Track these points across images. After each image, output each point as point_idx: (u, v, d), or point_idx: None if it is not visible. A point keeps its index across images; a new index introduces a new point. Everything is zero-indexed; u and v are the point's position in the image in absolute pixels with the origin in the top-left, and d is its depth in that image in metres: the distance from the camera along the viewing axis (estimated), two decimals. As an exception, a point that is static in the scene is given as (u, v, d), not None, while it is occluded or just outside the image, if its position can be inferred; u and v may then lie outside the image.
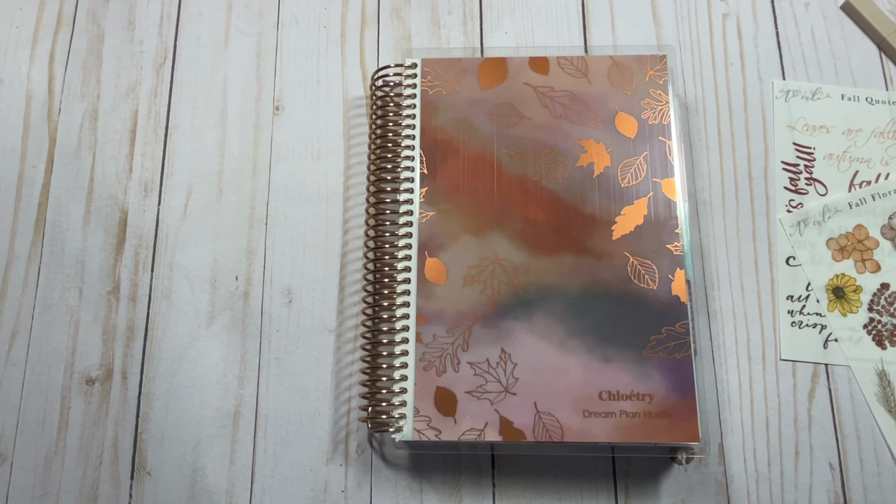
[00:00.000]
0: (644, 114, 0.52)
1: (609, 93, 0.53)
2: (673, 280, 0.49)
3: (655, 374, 0.47)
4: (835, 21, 0.58)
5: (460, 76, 0.54)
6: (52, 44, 0.59)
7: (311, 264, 0.54)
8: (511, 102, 0.53)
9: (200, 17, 0.60)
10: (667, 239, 0.50)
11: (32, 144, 0.56)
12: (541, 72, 0.54)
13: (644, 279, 0.49)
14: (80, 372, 0.51)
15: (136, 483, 0.49)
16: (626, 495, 0.48)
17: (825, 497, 0.48)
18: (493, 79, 0.54)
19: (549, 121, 0.53)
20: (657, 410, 0.46)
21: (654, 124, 0.52)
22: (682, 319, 0.48)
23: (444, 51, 0.58)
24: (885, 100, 0.56)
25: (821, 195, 0.54)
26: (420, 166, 0.52)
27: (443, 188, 0.51)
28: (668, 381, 0.47)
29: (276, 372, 0.51)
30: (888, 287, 0.52)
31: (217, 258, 0.54)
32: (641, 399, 0.46)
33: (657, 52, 0.54)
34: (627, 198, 0.51)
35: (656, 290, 0.48)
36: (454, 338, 0.48)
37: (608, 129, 0.52)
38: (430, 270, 0.50)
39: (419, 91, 0.54)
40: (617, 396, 0.47)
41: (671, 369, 0.47)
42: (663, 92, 0.53)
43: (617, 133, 0.52)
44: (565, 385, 0.47)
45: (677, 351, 0.47)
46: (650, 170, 0.51)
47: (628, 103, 0.53)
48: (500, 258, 0.50)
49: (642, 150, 0.52)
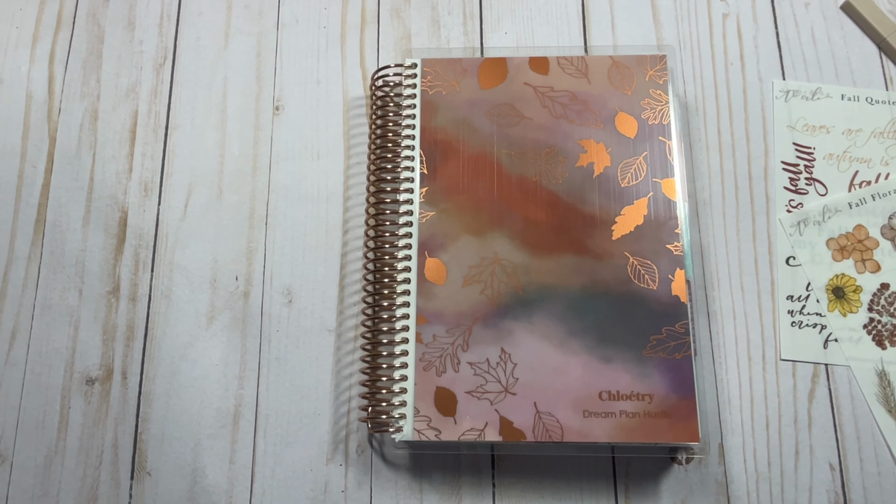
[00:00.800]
0: (644, 114, 0.52)
1: (609, 93, 0.53)
2: (673, 280, 0.49)
3: (655, 374, 0.47)
4: (835, 21, 0.58)
5: (460, 76, 0.54)
6: (52, 44, 0.59)
7: (311, 264, 0.54)
8: (511, 102, 0.53)
9: (200, 17, 0.60)
10: (667, 239, 0.50)
11: (32, 144, 0.56)
12: (541, 72, 0.54)
13: (644, 279, 0.49)
14: (80, 372, 0.51)
15: (136, 483, 0.49)
16: (626, 495, 0.48)
17: (825, 497, 0.48)
18: (493, 79, 0.54)
19: (549, 121, 0.53)
20: (657, 410, 0.46)
21: (654, 124, 0.52)
22: (682, 319, 0.48)
23: (444, 51, 0.58)
24: (885, 100, 0.56)
25: (821, 195, 0.54)
26: (420, 166, 0.52)
27: (443, 188, 0.51)
28: (668, 381, 0.47)
29: (276, 372, 0.51)
30: (888, 287, 0.52)
31: (217, 258, 0.54)
32: (641, 399, 0.46)
33: (657, 52, 0.54)
34: (627, 198, 0.51)
35: (656, 290, 0.49)
36: (454, 338, 0.48)
37: (608, 129, 0.52)
38: (430, 270, 0.50)
39: (419, 91, 0.54)
40: (617, 396, 0.47)
41: (671, 369, 0.47)
42: (663, 92, 0.53)
43: (617, 133, 0.52)
44: (565, 385, 0.47)
45: (677, 351, 0.47)
46: (650, 170, 0.51)
47: (628, 103, 0.53)
48: (500, 258, 0.50)
49: (642, 150, 0.52)
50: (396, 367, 0.48)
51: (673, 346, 0.47)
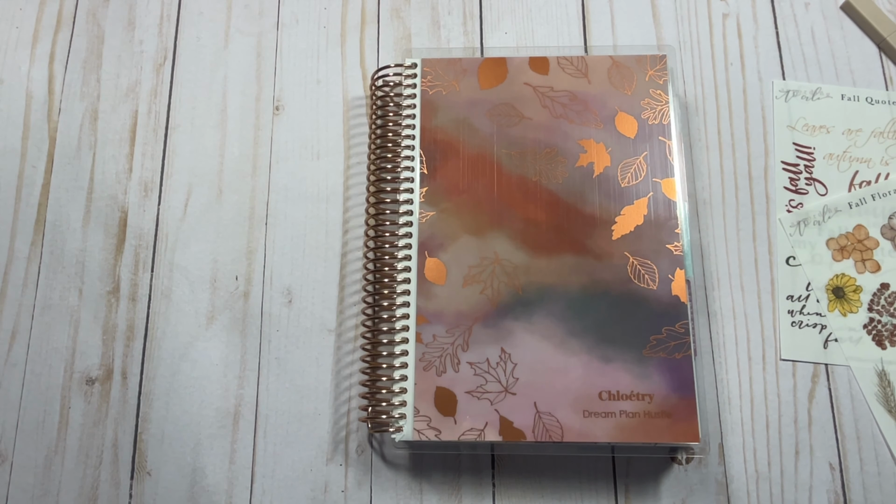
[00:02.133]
0: (644, 114, 0.52)
1: (609, 93, 0.53)
2: (673, 280, 0.49)
3: (655, 374, 0.47)
4: (835, 21, 0.58)
5: (460, 76, 0.54)
6: (52, 44, 0.59)
7: (311, 264, 0.54)
8: (511, 102, 0.53)
9: (200, 18, 0.60)
10: (667, 239, 0.50)
11: (32, 144, 0.56)
12: (541, 72, 0.54)
13: (644, 279, 0.49)
14: (80, 372, 0.51)
15: (136, 483, 0.49)
16: (626, 495, 0.48)
17: (825, 497, 0.48)
18: (493, 79, 0.54)
19: (549, 121, 0.53)
20: (657, 410, 0.46)
21: (654, 124, 0.52)
22: (682, 319, 0.48)
23: (444, 51, 0.58)
24: (885, 100, 0.56)
25: (821, 195, 0.54)
26: (420, 166, 0.52)
27: (443, 188, 0.51)
28: (668, 381, 0.47)
29: (276, 372, 0.51)
30: (888, 287, 0.52)
31: (217, 258, 0.54)
32: (641, 399, 0.46)
33: (657, 52, 0.54)
34: (627, 198, 0.51)
35: (656, 290, 0.48)
36: (454, 338, 0.48)
37: (608, 129, 0.52)
38: (430, 270, 0.50)
39: (419, 91, 0.54)
40: (617, 396, 0.47)
41: (671, 369, 0.47)
42: (663, 92, 0.53)
43: (617, 133, 0.52)
44: (565, 385, 0.47)
45: (677, 351, 0.47)
46: (650, 170, 0.51)
47: (628, 103, 0.53)
48: (500, 258, 0.50)
49: (642, 150, 0.52)
50: (396, 367, 0.48)
51: (673, 346, 0.47)
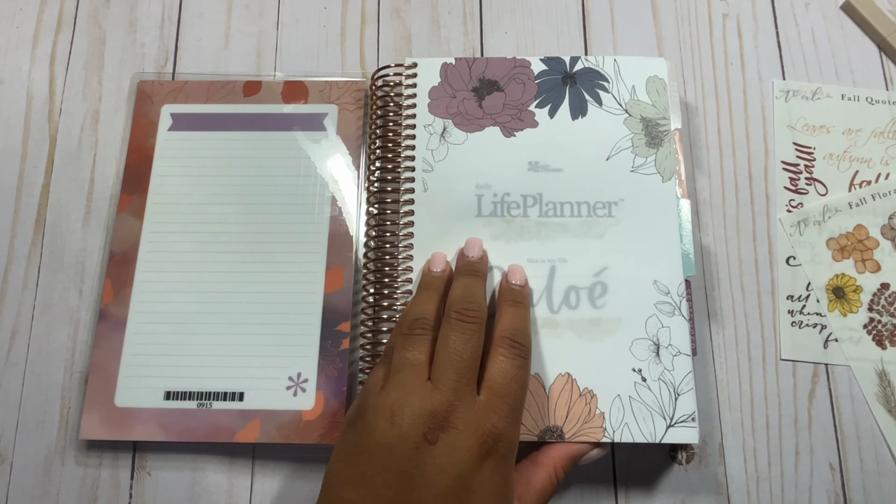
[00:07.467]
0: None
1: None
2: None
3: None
4: (835, 21, 0.58)
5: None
6: (53, 44, 0.59)
7: (311, 264, 0.53)
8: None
9: (201, 19, 0.60)
10: (667, 239, 0.49)
11: (33, 145, 0.57)
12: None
13: (644, 279, 0.49)
14: (80, 372, 0.51)
15: (136, 483, 0.49)
16: (626, 495, 0.48)
17: (825, 497, 0.48)
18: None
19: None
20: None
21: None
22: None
23: (444, 51, 0.58)
24: (885, 100, 0.56)
25: (821, 195, 0.54)
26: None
27: (443, 188, 0.51)
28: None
29: (276, 372, 0.51)
30: (888, 287, 0.52)
31: (217, 258, 0.54)
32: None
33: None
34: (627, 198, 0.51)
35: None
36: (454, 338, 0.48)
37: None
38: (429, 270, 0.49)
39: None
40: (617, 396, 0.46)
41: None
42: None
43: (617, 133, 0.52)
44: (565, 385, 0.47)
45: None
46: (650, 170, 0.51)
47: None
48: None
49: (642, 150, 0.52)
50: (396, 366, 0.48)
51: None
